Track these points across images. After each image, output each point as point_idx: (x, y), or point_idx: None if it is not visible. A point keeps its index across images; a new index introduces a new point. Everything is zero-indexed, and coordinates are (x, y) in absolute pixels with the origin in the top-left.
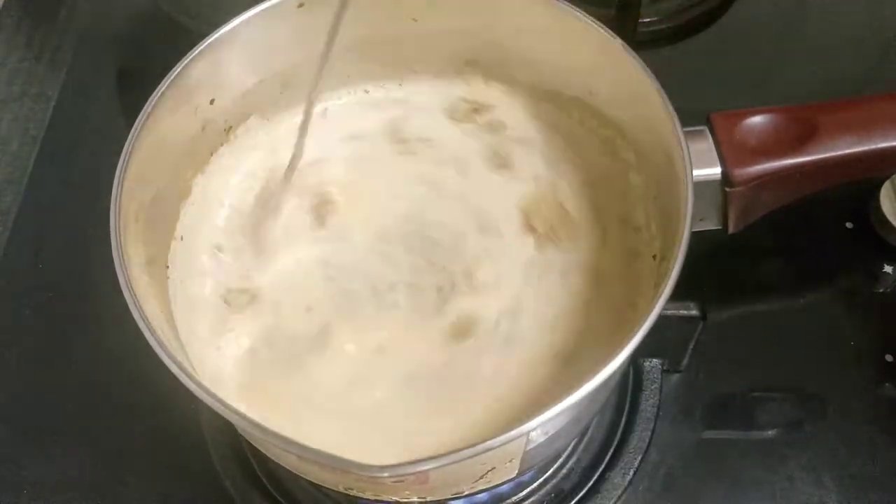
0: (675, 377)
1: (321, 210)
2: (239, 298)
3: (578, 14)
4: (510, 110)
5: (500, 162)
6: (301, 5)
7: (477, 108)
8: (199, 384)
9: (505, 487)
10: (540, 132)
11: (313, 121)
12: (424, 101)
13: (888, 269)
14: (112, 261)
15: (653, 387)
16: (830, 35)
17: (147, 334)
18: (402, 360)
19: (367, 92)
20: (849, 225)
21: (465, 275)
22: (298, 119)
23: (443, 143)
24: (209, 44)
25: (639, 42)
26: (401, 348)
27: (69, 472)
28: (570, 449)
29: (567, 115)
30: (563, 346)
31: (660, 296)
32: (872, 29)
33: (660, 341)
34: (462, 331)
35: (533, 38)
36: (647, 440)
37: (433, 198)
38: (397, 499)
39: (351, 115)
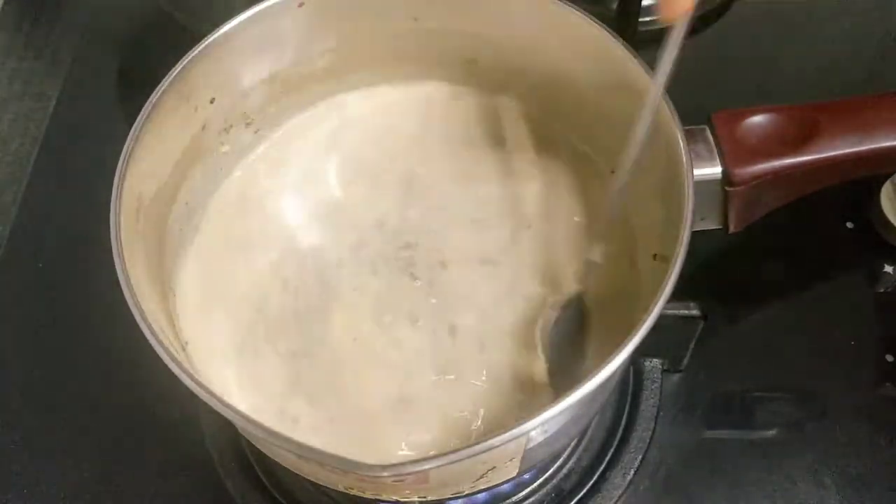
0: (675, 377)
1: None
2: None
3: (579, 14)
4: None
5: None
6: (301, 5)
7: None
8: (199, 384)
9: (505, 487)
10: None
11: (316, 121)
12: (423, 100)
13: (888, 269)
14: (112, 261)
15: (653, 387)
16: (830, 35)
17: (147, 334)
18: None
19: (366, 91)
20: (849, 225)
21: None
22: (297, 118)
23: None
24: (209, 44)
25: (639, 42)
26: None
27: (69, 471)
28: (570, 449)
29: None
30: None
31: (660, 296)
32: (872, 29)
33: (660, 341)
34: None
35: (533, 38)
36: (647, 440)
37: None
38: (398, 498)
39: (351, 113)
